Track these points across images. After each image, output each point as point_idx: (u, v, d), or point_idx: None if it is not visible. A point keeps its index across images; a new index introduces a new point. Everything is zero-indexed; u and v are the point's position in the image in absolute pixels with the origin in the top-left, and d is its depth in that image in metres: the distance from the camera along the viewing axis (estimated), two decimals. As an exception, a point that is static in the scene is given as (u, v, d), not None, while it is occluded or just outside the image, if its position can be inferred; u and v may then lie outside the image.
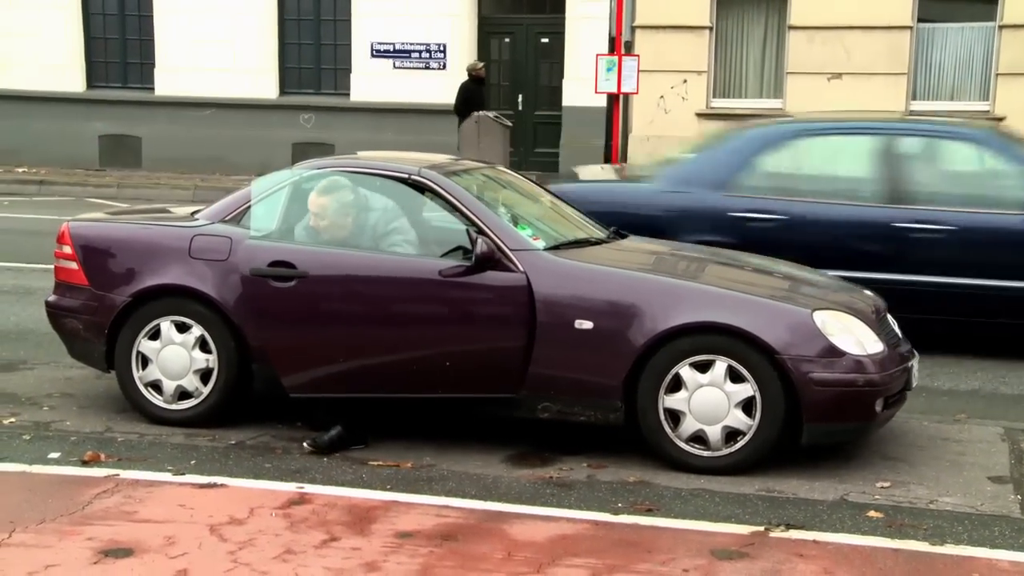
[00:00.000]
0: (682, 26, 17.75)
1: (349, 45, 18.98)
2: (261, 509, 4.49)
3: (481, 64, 17.35)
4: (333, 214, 5.57)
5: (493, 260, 5.30)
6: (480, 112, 17.20)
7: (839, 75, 17.38)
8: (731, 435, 5.18)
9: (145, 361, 5.79)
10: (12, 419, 5.84)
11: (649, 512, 4.67)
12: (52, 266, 6.22)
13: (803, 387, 5.06)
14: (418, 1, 18.46)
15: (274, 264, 5.45)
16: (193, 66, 19.15)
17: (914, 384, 5.58)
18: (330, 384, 5.51)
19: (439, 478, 5.09)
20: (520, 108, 18.94)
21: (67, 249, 6.00)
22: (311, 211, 5.61)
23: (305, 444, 5.48)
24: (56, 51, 19.56)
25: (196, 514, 4.42)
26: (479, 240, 5.28)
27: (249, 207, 5.81)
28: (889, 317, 5.84)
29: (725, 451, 5.19)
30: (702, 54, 17.80)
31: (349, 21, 18.93)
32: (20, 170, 18.90)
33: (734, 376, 5.14)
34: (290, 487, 4.80)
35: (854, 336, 5.25)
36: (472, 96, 17.00)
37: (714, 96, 18.10)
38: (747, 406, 5.14)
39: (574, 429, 5.54)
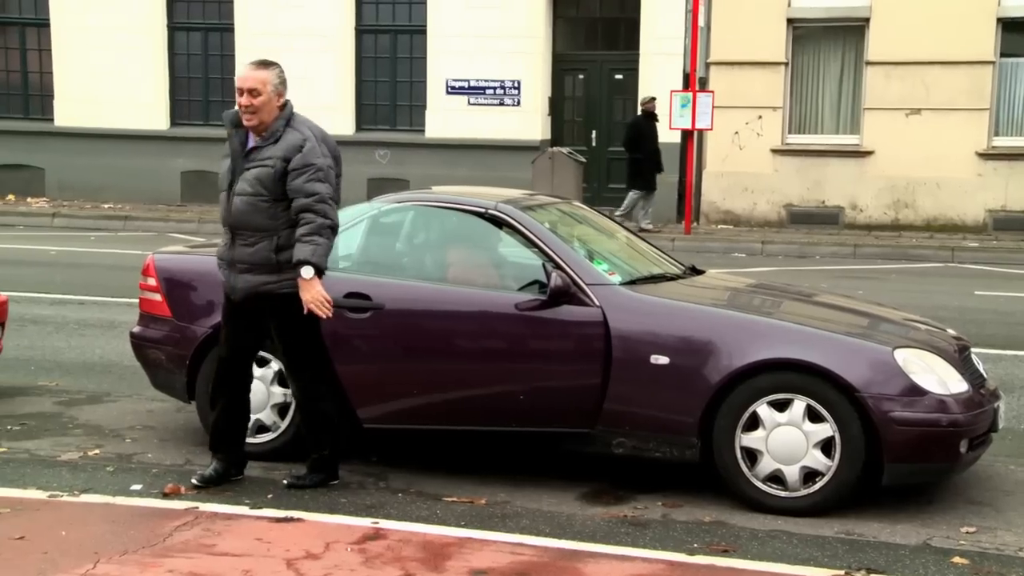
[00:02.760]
0: (757, 62, 17.70)
1: (424, 82, 19.22)
2: (337, 544, 4.51)
3: (653, 98, 16.97)
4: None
5: (568, 294, 5.30)
6: (554, 148, 17.27)
7: (918, 111, 17.18)
8: (809, 475, 5.09)
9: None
10: (97, 451, 5.96)
11: (725, 553, 4.60)
12: (136, 300, 6.35)
13: (884, 427, 4.96)
14: (493, 39, 18.64)
15: (350, 296, 5.50)
16: (272, 104, 19.45)
17: (1000, 426, 5.44)
18: (404, 415, 5.54)
19: (513, 515, 5.07)
20: (594, 144, 18.98)
21: (151, 281, 6.12)
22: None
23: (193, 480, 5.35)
24: (142, 90, 20.10)
25: (273, 548, 4.45)
26: (554, 274, 5.29)
27: (328, 241, 5.87)
28: (973, 357, 5.71)
29: (803, 492, 5.10)
30: (777, 90, 17.72)
31: (425, 58, 19.18)
32: (106, 206, 19.41)
33: (813, 415, 5.06)
34: (365, 522, 4.82)
35: (937, 375, 5.14)
36: (644, 131, 16.83)
37: (790, 132, 17.99)
38: (826, 446, 5.05)
39: (649, 466, 5.49)
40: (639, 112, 17.24)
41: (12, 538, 4.48)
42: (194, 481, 5.30)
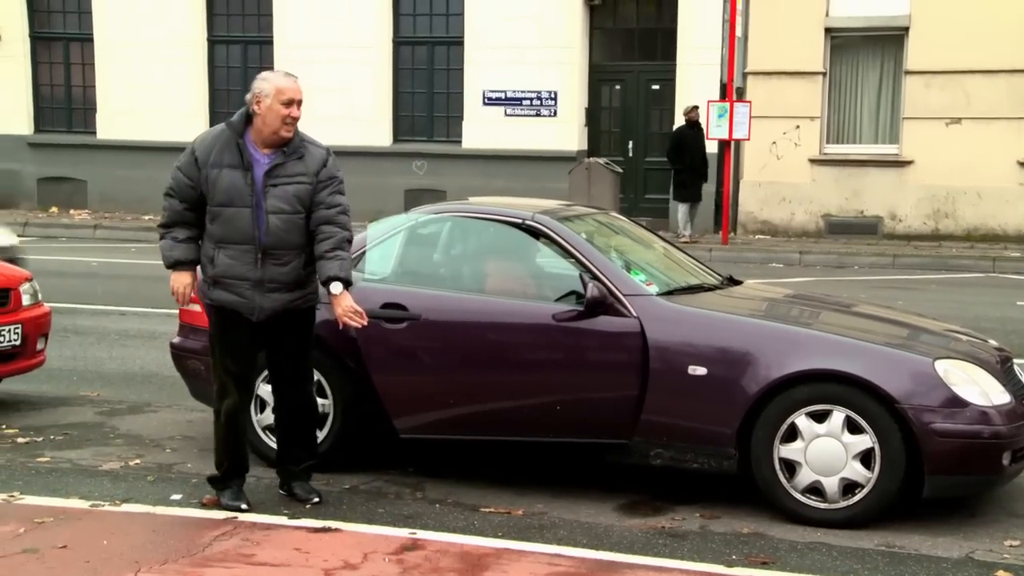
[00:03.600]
0: (795, 72, 17.61)
1: (461, 93, 19.28)
2: (374, 554, 4.53)
3: (696, 107, 16.95)
4: None
5: (605, 305, 5.29)
6: (591, 159, 17.26)
7: (958, 120, 17.02)
8: (849, 487, 5.05)
9: (263, 404, 5.90)
10: (138, 460, 6.02)
11: (764, 565, 4.58)
12: (176, 311, 6.40)
13: (925, 438, 4.92)
14: (530, 50, 18.68)
15: (386, 306, 5.53)
16: (310, 114, 19.49)
17: (1043, 437, 5.36)
18: (440, 426, 5.55)
19: (550, 526, 5.06)
20: (630, 155, 18.96)
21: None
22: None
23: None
24: (182, 103, 20.30)
25: (311, 558, 4.47)
26: (591, 285, 5.29)
27: (364, 252, 5.91)
28: (1016, 368, 5.65)
29: (843, 503, 5.06)
30: (815, 99, 17.62)
31: (461, 70, 19.24)
32: (147, 218, 19.60)
33: (852, 427, 5.02)
34: (403, 533, 4.83)
35: (978, 386, 5.09)
36: (687, 141, 16.82)
37: (827, 142, 17.88)
38: (866, 458, 5.01)
39: (686, 477, 5.47)
40: (683, 122, 17.20)
41: (55, 547, 4.53)
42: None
